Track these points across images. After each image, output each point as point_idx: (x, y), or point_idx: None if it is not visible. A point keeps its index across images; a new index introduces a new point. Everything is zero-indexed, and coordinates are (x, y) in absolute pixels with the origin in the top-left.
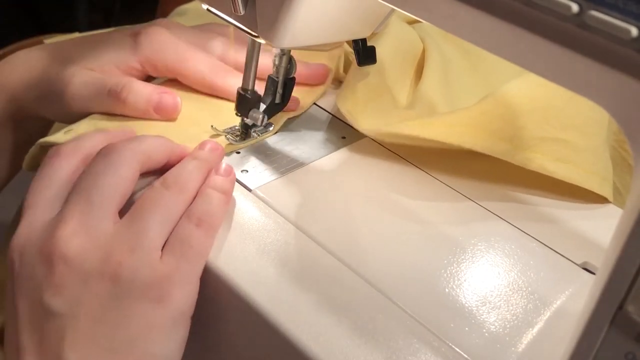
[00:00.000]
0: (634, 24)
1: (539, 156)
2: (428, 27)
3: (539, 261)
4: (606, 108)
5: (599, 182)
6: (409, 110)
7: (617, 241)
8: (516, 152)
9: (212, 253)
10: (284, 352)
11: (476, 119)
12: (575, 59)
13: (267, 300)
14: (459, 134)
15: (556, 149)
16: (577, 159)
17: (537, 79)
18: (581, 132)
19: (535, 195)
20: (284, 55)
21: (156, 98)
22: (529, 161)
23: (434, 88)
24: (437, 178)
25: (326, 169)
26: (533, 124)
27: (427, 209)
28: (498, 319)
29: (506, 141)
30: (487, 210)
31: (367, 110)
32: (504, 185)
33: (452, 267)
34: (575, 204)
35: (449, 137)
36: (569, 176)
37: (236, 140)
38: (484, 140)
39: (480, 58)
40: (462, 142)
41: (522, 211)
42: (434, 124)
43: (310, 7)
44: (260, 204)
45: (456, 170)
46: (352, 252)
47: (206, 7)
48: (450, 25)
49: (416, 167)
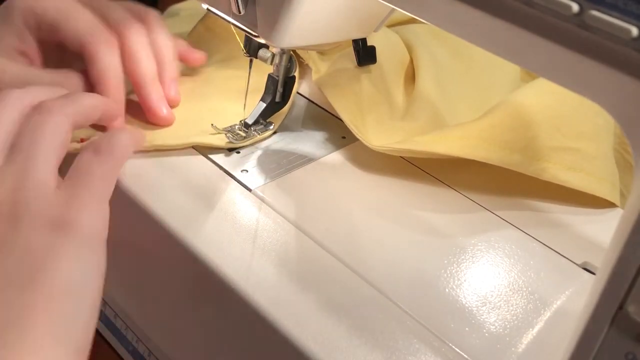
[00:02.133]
0: (634, 24)
1: (552, 166)
2: (417, 29)
3: (539, 261)
4: (606, 108)
5: (610, 188)
6: (413, 123)
7: (617, 241)
8: (530, 163)
9: (212, 252)
10: (284, 352)
11: (488, 131)
12: (575, 59)
13: (267, 300)
14: (472, 148)
15: (568, 157)
16: (588, 167)
17: (544, 87)
18: (591, 139)
19: (536, 195)
20: (284, 54)
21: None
22: (542, 171)
23: (430, 91)
24: (437, 178)
25: (326, 169)
26: (544, 133)
27: (427, 209)
28: (498, 319)
29: (519, 152)
30: (487, 210)
31: (369, 122)
32: (504, 185)
33: (452, 267)
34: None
35: (462, 151)
36: (582, 185)
37: (236, 139)
38: (497, 152)
39: (472, 59)
40: (475, 156)
41: (522, 212)
42: (447, 139)
43: (310, 7)
44: (260, 204)
45: (456, 171)
46: (352, 252)
47: (206, 6)
48: (450, 25)
49: (416, 167)
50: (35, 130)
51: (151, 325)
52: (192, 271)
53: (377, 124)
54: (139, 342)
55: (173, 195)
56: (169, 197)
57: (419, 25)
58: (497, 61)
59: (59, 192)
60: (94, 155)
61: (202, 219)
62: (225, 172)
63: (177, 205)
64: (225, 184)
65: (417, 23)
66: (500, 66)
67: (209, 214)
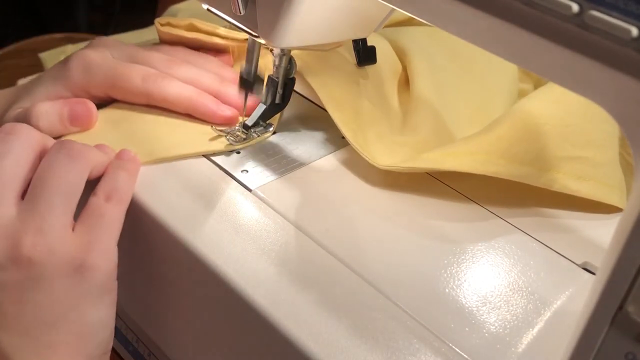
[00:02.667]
0: (634, 24)
1: (562, 176)
2: (413, 31)
3: (539, 261)
4: (606, 108)
5: (619, 194)
6: (416, 137)
7: (617, 241)
8: (540, 175)
9: (212, 252)
10: (284, 351)
11: (495, 145)
12: (575, 59)
13: (267, 301)
14: (481, 163)
15: (577, 167)
16: (597, 175)
17: (550, 97)
18: (599, 146)
19: (536, 196)
20: (284, 56)
21: (67, 111)
22: (552, 182)
23: (428, 97)
24: (437, 178)
25: (326, 169)
26: (552, 143)
27: (427, 209)
28: (498, 319)
29: (528, 164)
30: (487, 210)
31: (371, 138)
32: (504, 186)
33: (452, 267)
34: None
35: (472, 167)
36: (592, 193)
37: (236, 140)
38: (506, 166)
39: (470, 60)
40: (485, 172)
41: (523, 212)
42: (455, 155)
43: (310, 7)
44: (260, 204)
45: (459, 173)
46: (352, 252)
47: (206, 7)
48: (450, 25)
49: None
50: (60, 174)
51: (151, 325)
52: (192, 271)
53: (379, 140)
54: (139, 342)
55: (173, 196)
56: (169, 198)
57: (414, 28)
58: (495, 62)
59: (76, 236)
60: (105, 202)
61: (202, 219)
62: (225, 173)
63: (178, 205)
64: (226, 184)
65: (414, 24)
66: (499, 66)
67: (209, 214)
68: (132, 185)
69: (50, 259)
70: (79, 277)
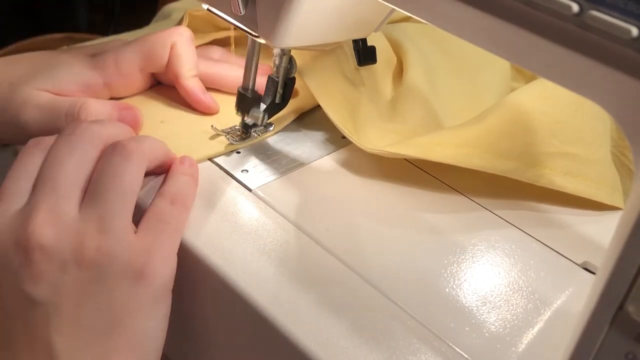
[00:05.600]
0: (634, 24)
1: (548, 172)
2: (407, 27)
3: (539, 261)
4: (606, 108)
5: (609, 192)
6: (406, 125)
7: (617, 241)
8: (525, 170)
9: (212, 252)
10: (284, 351)
11: (483, 138)
12: (575, 59)
13: (267, 300)
14: (466, 156)
15: (564, 163)
16: (586, 172)
17: (541, 93)
18: (588, 144)
19: (536, 196)
20: (284, 55)
21: (116, 115)
22: (538, 177)
23: (420, 86)
24: (437, 178)
25: (326, 169)
26: (540, 139)
27: (427, 209)
28: (498, 318)
29: (514, 159)
30: (487, 210)
31: (360, 123)
32: (505, 185)
33: (452, 267)
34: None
35: (455, 159)
36: (579, 189)
37: (236, 140)
38: (490, 160)
39: (462, 58)
40: (468, 164)
41: (523, 212)
42: (440, 146)
43: (310, 7)
44: (260, 204)
45: (457, 172)
46: (352, 251)
47: (206, 7)
48: (450, 25)
49: (417, 167)
50: (116, 175)
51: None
52: (192, 271)
53: (368, 125)
54: None
55: None
56: None
57: (408, 24)
58: (487, 59)
59: (138, 240)
60: (170, 205)
61: (203, 219)
62: (225, 172)
63: None
64: (226, 184)
65: (410, 21)
66: (491, 64)
67: (209, 214)
68: (195, 192)
69: (111, 262)
70: (138, 283)
